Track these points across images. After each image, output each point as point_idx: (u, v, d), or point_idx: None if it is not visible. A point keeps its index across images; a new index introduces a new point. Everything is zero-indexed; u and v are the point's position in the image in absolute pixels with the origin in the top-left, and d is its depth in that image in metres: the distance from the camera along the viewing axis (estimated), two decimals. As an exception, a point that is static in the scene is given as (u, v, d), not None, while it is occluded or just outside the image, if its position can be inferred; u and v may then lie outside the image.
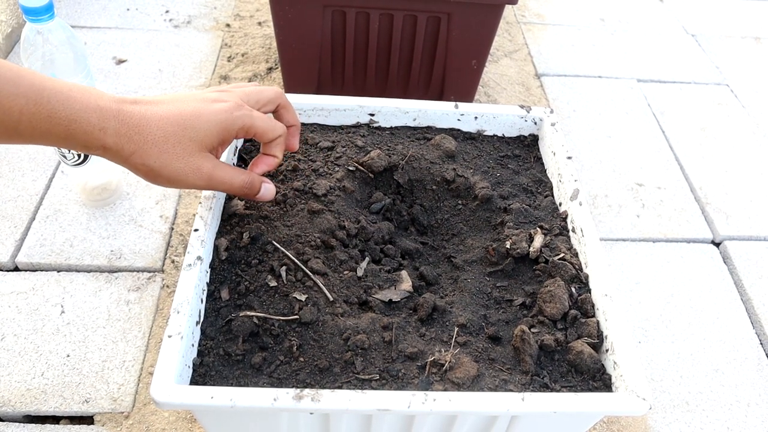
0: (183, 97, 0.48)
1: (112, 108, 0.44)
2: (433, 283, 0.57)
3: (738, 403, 0.73)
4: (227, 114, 0.47)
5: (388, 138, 0.65)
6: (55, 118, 0.42)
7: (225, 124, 0.47)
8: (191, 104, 0.47)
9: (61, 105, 0.42)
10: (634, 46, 1.32)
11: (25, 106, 0.41)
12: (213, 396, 0.42)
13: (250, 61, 1.17)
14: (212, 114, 0.47)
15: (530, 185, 0.63)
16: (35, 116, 0.41)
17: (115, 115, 0.44)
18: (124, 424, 0.66)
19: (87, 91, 0.44)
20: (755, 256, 0.90)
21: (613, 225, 0.93)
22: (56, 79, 0.43)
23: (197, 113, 0.47)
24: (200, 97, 0.48)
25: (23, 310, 0.74)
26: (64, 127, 0.42)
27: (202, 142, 0.47)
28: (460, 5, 0.91)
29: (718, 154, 1.08)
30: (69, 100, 0.42)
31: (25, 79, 0.41)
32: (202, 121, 0.46)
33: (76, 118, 0.43)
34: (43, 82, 0.42)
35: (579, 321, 0.51)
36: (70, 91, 0.43)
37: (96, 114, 0.43)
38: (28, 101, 0.41)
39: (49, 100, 0.42)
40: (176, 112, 0.46)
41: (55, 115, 0.42)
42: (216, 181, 0.48)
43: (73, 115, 0.42)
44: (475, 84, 1.03)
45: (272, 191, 0.53)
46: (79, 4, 1.25)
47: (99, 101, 0.44)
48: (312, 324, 0.49)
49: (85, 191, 0.85)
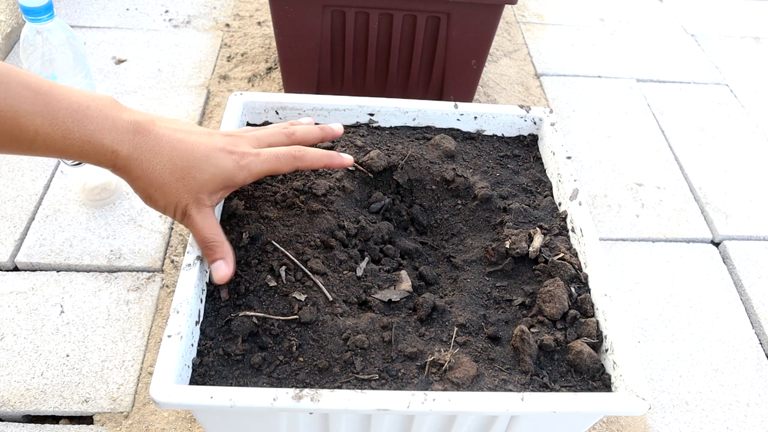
0: (196, 131, 0.50)
1: (128, 130, 0.45)
2: (432, 283, 0.57)
3: (737, 402, 0.74)
4: (234, 164, 0.49)
5: (388, 138, 0.65)
6: (70, 139, 0.43)
7: (230, 173, 0.49)
8: (202, 146, 0.48)
9: (77, 125, 0.43)
10: (634, 46, 1.32)
11: (41, 125, 0.42)
12: (212, 396, 0.42)
13: (249, 60, 1.17)
14: (220, 161, 0.48)
15: (530, 185, 0.63)
16: (50, 136, 0.43)
17: (130, 139, 0.45)
18: (124, 423, 0.66)
19: (104, 108, 0.45)
20: (755, 256, 0.90)
21: (613, 225, 0.93)
22: (73, 92, 0.44)
23: (206, 156, 0.48)
24: (212, 142, 0.50)
25: (23, 310, 0.74)
26: (78, 147, 0.44)
27: (203, 186, 0.48)
28: (460, 5, 0.91)
29: (717, 154, 1.08)
30: (85, 119, 0.44)
31: (41, 97, 0.42)
32: (209, 165, 0.48)
33: (90, 139, 0.44)
34: (60, 100, 0.43)
35: (578, 321, 0.51)
36: (87, 109, 0.44)
37: (110, 136, 0.45)
38: (43, 121, 0.42)
39: (65, 120, 0.43)
40: (188, 150, 0.48)
41: (70, 136, 0.43)
42: (189, 221, 0.49)
43: (87, 136, 0.44)
44: (474, 84, 1.03)
45: (222, 274, 0.49)
46: (78, 4, 1.25)
47: (115, 121, 0.45)
48: (311, 324, 0.49)
49: (84, 191, 0.85)
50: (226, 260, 0.49)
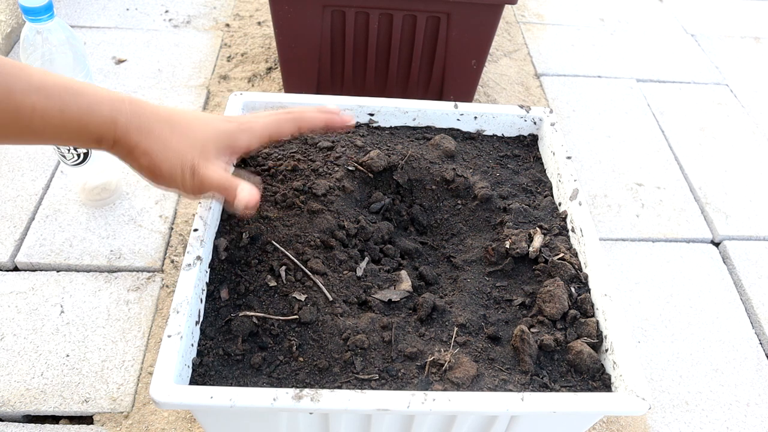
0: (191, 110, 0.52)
1: (124, 100, 0.46)
2: (432, 283, 0.57)
3: (737, 402, 0.74)
4: (235, 126, 0.50)
5: (388, 138, 0.65)
6: (68, 112, 0.43)
7: (232, 134, 0.50)
8: (201, 114, 0.51)
9: (74, 99, 0.44)
10: (634, 46, 1.32)
11: (38, 101, 0.42)
12: (212, 396, 0.42)
13: (249, 60, 1.17)
14: (218, 124, 0.50)
15: (530, 185, 0.63)
16: (47, 111, 0.43)
17: (127, 107, 0.46)
18: (124, 423, 0.66)
19: (98, 87, 0.46)
20: (755, 256, 0.90)
21: (613, 225, 0.93)
22: (68, 77, 0.45)
23: (205, 122, 0.50)
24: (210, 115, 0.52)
25: (23, 309, 0.74)
26: (77, 120, 0.44)
27: (206, 142, 0.48)
28: (460, 5, 0.91)
29: (717, 154, 1.08)
30: (80, 94, 0.44)
31: (35, 77, 0.43)
32: (210, 127, 0.49)
33: (88, 110, 0.44)
34: (55, 80, 0.44)
35: (578, 321, 0.51)
36: (82, 86, 0.45)
37: (108, 106, 0.45)
38: (40, 96, 0.42)
39: (60, 94, 0.43)
40: (185, 117, 0.49)
41: (68, 109, 0.43)
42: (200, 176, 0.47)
43: (85, 107, 0.44)
44: (474, 84, 1.03)
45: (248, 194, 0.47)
46: (78, 4, 1.25)
47: (110, 94, 0.46)
48: (311, 324, 0.49)
49: (84, 191, 0.85)
50: (250, 187, 0.48)
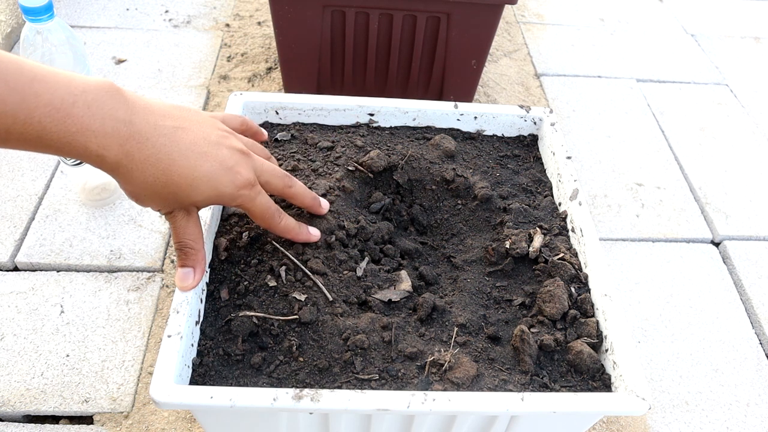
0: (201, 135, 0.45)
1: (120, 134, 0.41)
2: (432, 283, 0.57)
3: (737, 402, 0.74)
4: (233, 190, 0.46)
5: (388, 138, 0.65)
6: (47, 139, 0.38)
7: (225, 199, 0.46)
8: (205, 165, 0.44)
9: (55, 126, 0.38)
10: (634, 46, 1.32)
11: (13, 125, 0.37)
12: (212, 396, 0.42)
13: (249, 60, 1.17)
14: (219, 185, 0.45)
15: (530, 185, 0.63)
16: (23, 135, 0.38)
17: (120, 145, 0.41)
18: (124, 423, 0.66)
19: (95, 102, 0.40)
20: (755, 256, 0.90)
21: (613, 225, 0.93)
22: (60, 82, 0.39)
23: (207, 178, 0.45)
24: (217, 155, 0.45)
25: (23, 309, 0.74)
26: (56, 148, 0.39)
27: (195, 203, 0.46)
28: (460, 5, 0.91)
29: (717, 154, 1.08)
30: (66, 119, 0.38)
31: (15, 94, 0.37)
32: (207, 187, 0.45)
33: (71, 140, 0.39)
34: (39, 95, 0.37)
35: (578, 321, 0.51)
36: (72, 106, 0.39)
37: (96, 140, 0.40)
38: (15, 121, 0.37)
39: (41, 120, 0.38)
40: (189, 167, 0.44)
41: (47, 137, 0.38)
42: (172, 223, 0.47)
43: (67, 137, 0.39)
44: (474, 84, 1.03)
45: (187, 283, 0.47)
46: (78, 4, 1.25)
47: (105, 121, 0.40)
48: (311, 324, 0.49)
49: (84, 191, 0.85)
50: (196, 270, 0.48)
